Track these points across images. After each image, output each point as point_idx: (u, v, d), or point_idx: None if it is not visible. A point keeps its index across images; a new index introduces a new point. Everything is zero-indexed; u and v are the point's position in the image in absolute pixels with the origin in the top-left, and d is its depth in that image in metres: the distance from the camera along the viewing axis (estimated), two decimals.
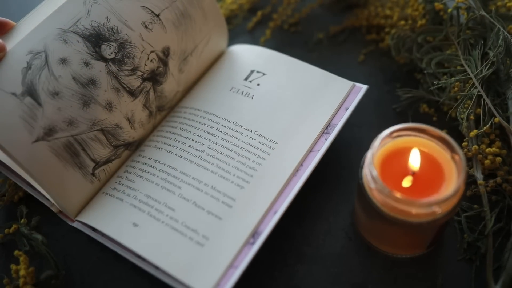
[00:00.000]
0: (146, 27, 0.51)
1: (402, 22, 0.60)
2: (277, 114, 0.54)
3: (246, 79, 0.57)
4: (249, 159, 0.51)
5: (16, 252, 0.47)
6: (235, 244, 0.46)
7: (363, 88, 0.55)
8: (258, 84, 0.57)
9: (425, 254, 0.49)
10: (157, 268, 0.46)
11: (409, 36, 0.59)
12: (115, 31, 0.50)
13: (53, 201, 0.50)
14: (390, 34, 0.60)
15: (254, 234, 0.47)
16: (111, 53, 0.49)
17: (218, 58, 0.61)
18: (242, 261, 0.45)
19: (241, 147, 0.52)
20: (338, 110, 0.54)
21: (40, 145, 0.46)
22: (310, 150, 0.52)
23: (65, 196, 0.48)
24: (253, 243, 0.46)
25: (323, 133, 0.53)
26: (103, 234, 0.49)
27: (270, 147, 0.52)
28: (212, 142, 0.52)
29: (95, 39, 0.49)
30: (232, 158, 0.51)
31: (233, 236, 0.47)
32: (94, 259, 0.49)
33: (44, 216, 0.51)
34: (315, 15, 0.68)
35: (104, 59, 0.49)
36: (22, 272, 0.46)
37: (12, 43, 0.46)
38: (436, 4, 0.57)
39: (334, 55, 0.64)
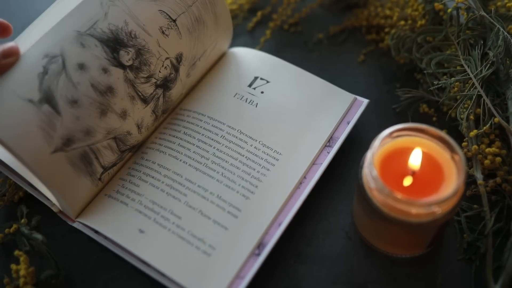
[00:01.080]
0: (163, 32, 0.50)
1: (402, 22, 0.60)
2: (280, 124, 0.54)
3: (250, 85, 0.57)
4: (254, 169, 0.51)
5: (16, 252, 0.47)
6: (241, 254, 0.46)
7: (364, 102, 0.56)
8: (262, 92, 0.56)
9: (425, 254, 0.49)
10: (160, 273, 0.46)
11: (409, 36, 0.59)
12: (133, 36, 0.48)
13: (54, 201, 0.49)
14: (390, 34, 0.60)
15: (259, 246, 0.47)
16: (129, 60, 0.47)
17: (219, 59, 0.60)
18: (248, 272, 0.46)
19: (246, 157, 0.52)
20: (340, 123, 0.54)
21: (58, 156, 0.44)
22: (313, 163, 0.52)
23: (72, 200, 0.48)
24: (258, 254, 0.46)
25: (325, 146, 0.53)
26: (106, 237, 0.48)
27: (275, 158, 0.52)
28: (217, 149, 0.52)
29: (113, 44, 0.47)
30: (237, 168, 0.51)
31: (239, 246, 0.47)
32: (94, 259, 0.49)
33: (44, 216, 0.51)
34: (315, 15, 0.68)
35: (122, 66, 0.47)
36: (22, 272, 0.46)
37: (26, 45, 0.44)
38: (436, 4, 0.57)
39: (334, 55, 0.64)
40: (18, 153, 0.42)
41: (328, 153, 0.53)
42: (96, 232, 0.49)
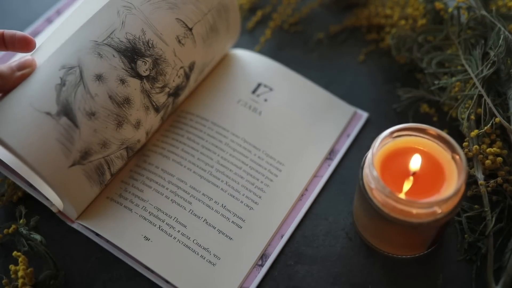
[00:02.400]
0: (179, 42, 0.49)
1: (403, 22, 0.59)
2: (284, 134, 0.54)
3: (253, 92, 0.56)
4: (258, 180, 0.51)
5: (14, 253, 0.47)
6: (245, 265, 0.46)
7: (363, 116, 0.56)
8: (266, 100, 0.56)
9: (425, 254, 0.48)
10: (165, 280, 0.46)
11: (409, 35, 0.59)
12: (150, 45, 0.46)
13: (53, 201, 0.49)
14: (391, 34, 0.60)
15: (262, 257, 0.47)
16: (146, 70, 0.46)
17: (221, 60, 0.59)
18: (252, 282, 0.46)
19: (249, 166, 0.51)
20: (340, 136, 0.54)
21: (75, 169, 0.44)
22: (314, 175, 0.52)
23: (79, 205, 0.48)
24: (261, 265, 0.47)
25: (326, 159, 0.53)
26: (107, 240, 0.48)
27: (278, 169, 0.52)
28: (221, 157, 0.52)
29: (131, 54, 0.46)
30: (241, 177, 0.51)
31: (243, 257, 0.47)
32: (93, 259, 0.49)
33: (43, 216, 0.51)
34: (315, 15, 0.67)
35: (140, 77, 0.46)
36: (21, 273, 0.46)
37: (42, 57, 0.44)
38: (436, 3, 0.57)
39: (334, 55, 0.64)
40: (36, 168, 0.42)
41: (329, 165, 0.53)
42: (97, 234, 0.49)
